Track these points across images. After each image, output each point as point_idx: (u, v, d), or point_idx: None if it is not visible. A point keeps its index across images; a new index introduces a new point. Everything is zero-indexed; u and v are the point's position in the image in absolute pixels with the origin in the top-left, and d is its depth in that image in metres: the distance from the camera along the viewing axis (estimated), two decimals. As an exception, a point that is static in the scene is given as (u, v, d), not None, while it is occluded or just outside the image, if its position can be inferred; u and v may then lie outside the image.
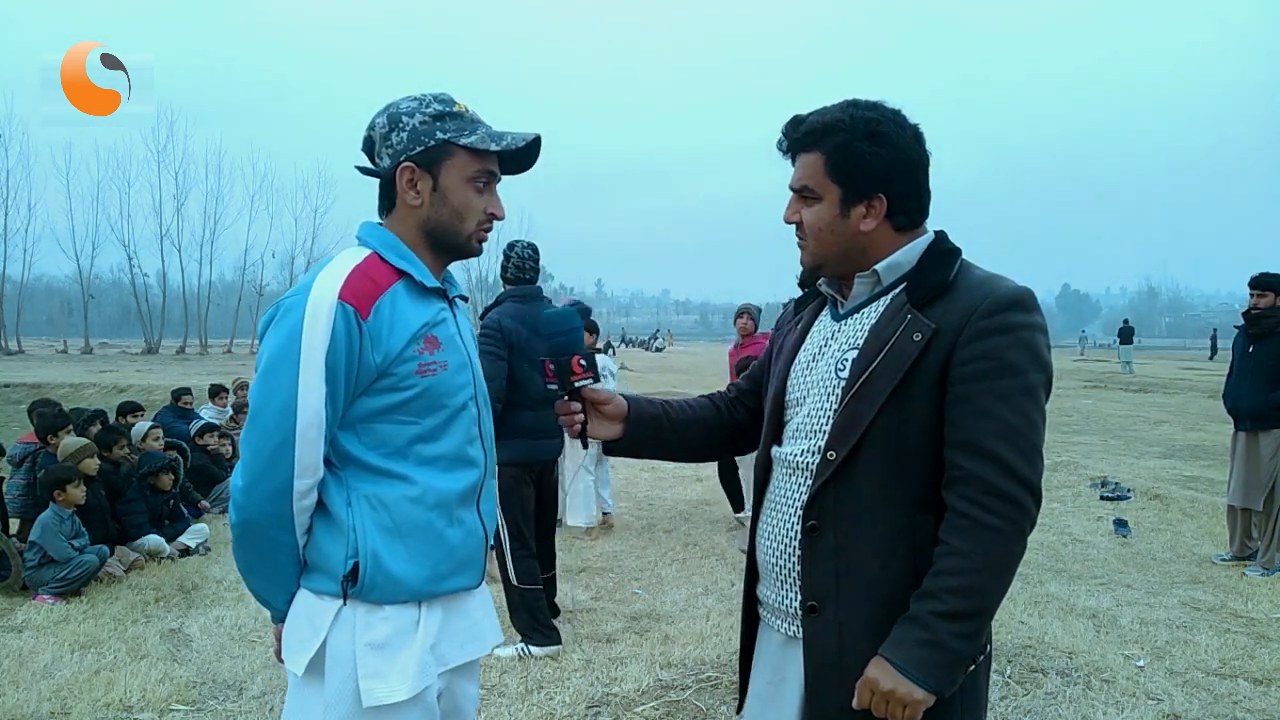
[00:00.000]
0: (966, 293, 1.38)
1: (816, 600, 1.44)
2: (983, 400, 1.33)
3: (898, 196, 1.44)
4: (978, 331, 1.34)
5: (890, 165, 1.42)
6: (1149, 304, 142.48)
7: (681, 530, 6.48)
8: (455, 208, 1.57)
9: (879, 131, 1.40)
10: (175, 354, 39.18)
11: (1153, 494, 7.62)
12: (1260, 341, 5.37)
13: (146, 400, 10.40)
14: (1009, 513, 1.30)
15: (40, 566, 4.77)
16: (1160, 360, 34.33)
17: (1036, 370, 1.35)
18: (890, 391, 1.36)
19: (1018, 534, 1.32)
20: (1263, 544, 5.36)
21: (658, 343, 57.10)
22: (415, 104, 1.57)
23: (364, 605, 1.49)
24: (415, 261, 1.57)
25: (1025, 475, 1.31)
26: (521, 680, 3.65)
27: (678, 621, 4.38)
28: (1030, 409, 1.33)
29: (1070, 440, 11.55)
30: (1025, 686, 3.56)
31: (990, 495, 1.30)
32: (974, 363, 1.34)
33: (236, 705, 3.44)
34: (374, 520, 1.49)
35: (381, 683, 1.47)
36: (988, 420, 1.32)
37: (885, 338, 1.40)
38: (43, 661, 3.83)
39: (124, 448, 5.91)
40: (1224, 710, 3.40)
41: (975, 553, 1.30)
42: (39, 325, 62.86)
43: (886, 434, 1.37)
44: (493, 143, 1.56)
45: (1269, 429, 5.28)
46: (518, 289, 4.10)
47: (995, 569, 1.32)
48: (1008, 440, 1.31)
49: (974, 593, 1.30)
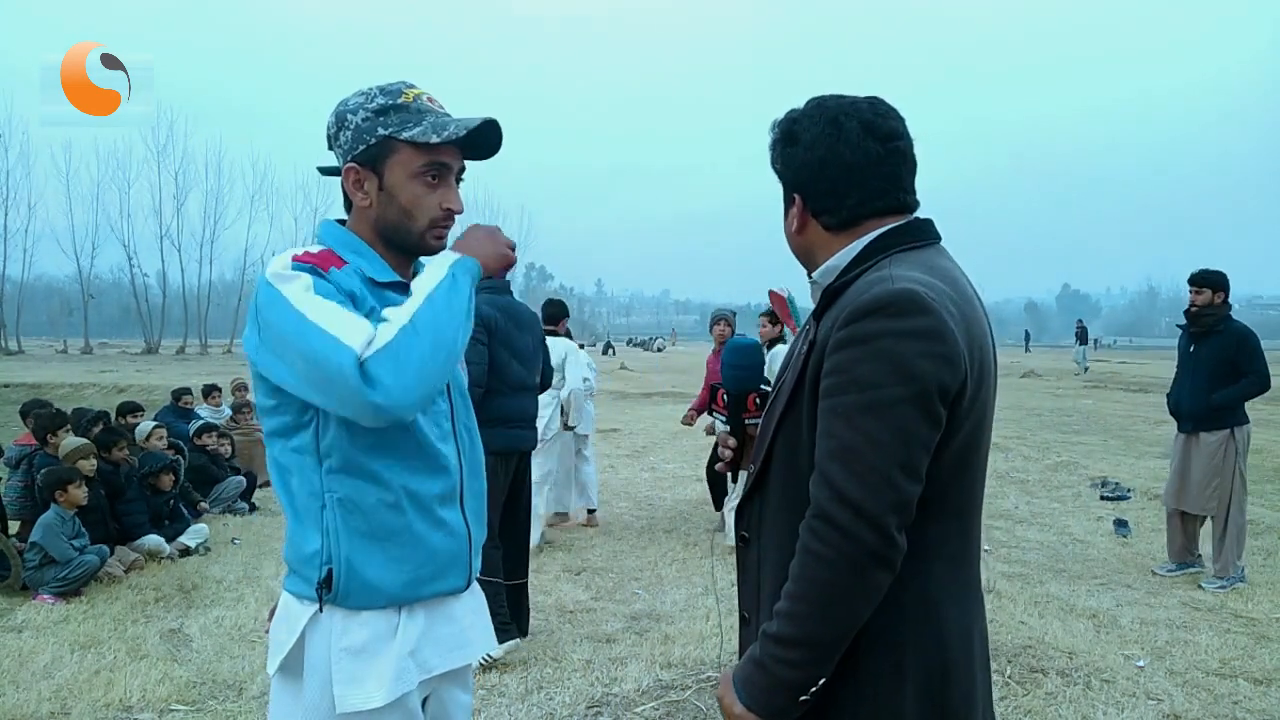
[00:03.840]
0: (845, 299, 1.26)
1: (747, 611, 1.43)
2: (825, 419, 1.22)
3: (813, 196, 1.36)
4: (834, 344, 1.22)
5: (798, 164, 1.35)
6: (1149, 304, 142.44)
7: (681, 530, 6.48)
8: (403, 205, 1.49)
9: (790, 131, 1.36)
10: (175, 354, 39.20)
11: (1153, 494, 7.59)
12: (1201, 341, 5.13)
13: (146, 400, 10.38)
14: (835, 540, 1.17)
15: (41, 567, 4.77)
16: (1160, 360, 34.27)
17: (895, 384, 1.17)
18: (784, 406, 1.32)
19: (846, 564, 1.17)
20: (1215, 551, 5.08)
21: (658, 343, 57.10)
22: (361, 99, 1.49)
23: (341, 611, 1.46)
24: (371, 255, 1.51)
25: (856, 500, 1.16)
26: (521, 680, 3.65)
27: (678, 621, 4.38)
28: (875, 427, 1.17)
29: (1070, 440, 11.55)
30: (1025, 686, 3.57)
31: (818, 519, 1.19)
32: (827, 378, 1.22)
33: (236, 705, 3.44)
34: (348, 525, 1.45)
35: (357, 689, 1.43)
36: (827, 440, 1.21)
37: (792, 350, 1.39)
38: (43, 661, 3.83)
39: (124, 449, 5.91)
40: (1224, 710, 3.40)
41: (800, 579, 1.21)
42: (39, 325, 62.82)
43: (784, 448, 1.33)
44: (434, 134, 1.45)
45: (1210, 430, 5.04)
46: (485, 282, 4.02)
47: (819, 599, 1.19)
48: (841, 462, 1.18)
49: (794, 619, 1.20)
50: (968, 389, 1.23)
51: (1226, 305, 5.17)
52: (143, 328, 44.15)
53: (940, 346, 1.19)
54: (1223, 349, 5.04)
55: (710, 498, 6.79)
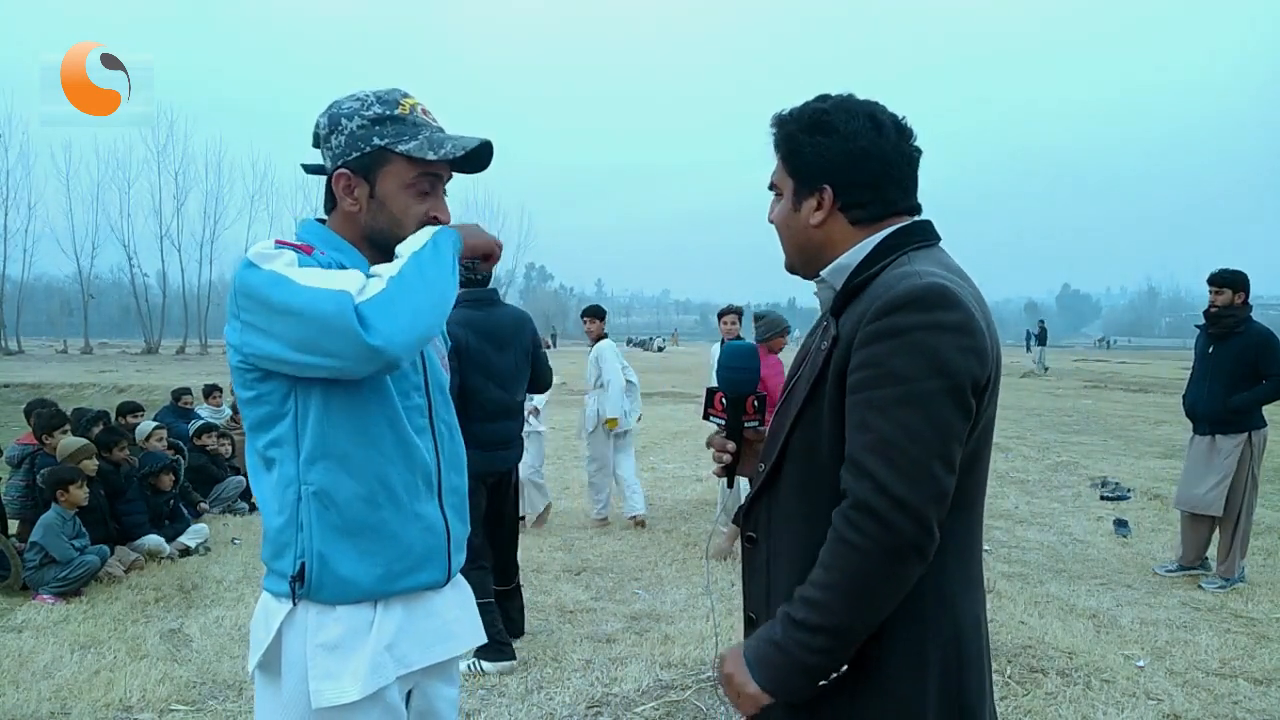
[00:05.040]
0: (871, 293, 1.27)
1: (754, 613, 1.43)
2: (860, 412, 1.22)
3: (846, 187, 1.35)
4: (864, 337, 1.23)
5: (835, 155, 1.33)
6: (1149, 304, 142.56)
7: (681, 530, 6.47)
8: (394, 215, 1.51)
9: (822, 121, 1.34)
10: (175, 354, 39.19)
11: (1153, 494, 7.61)
12: (1221, 342, 5.04)
13: (146, 400, 10.38)
14: (874, 532, 1.18)
15: (41, 567, 4.77)
16: (1160, 360, 34.31)
17: (929, 377, 1.19)
18: (802, 403, 1.33)
19: (882, 555, 1.19)
20: (1220, 552, 5.04)
21: (658, 343, 57.10)
22: (356, 105, 1.50)
23: (316, 606, 1.46)
24: (352, 253, 1.53)
25: (897, 493, 1.17)
26: (521, 680, 3.66)
27: (678, 621, 4.38)
28: (914, 420, 1.18)
29: (1070, 440, 11.56)
30: (1025, 686, 3.57)
31: (857, 511, 1.20)
32: (858, 372, 1.24)
33: (236, 705, 3.44)
34: (322, 520, 1.45)
35: (333, 684, 1.44)
36: (864, 434, 1.21)
37: (807, 347, 1.40)
38: (43, 661, 3.83)
39: (124, 449, 5.91)
40: (1224, 710, 3.40)
41: (833, 568, 1.22)
42: (39, 325, 62.81)
43: (801, 446, 1.34)
44: (430, 151, 1.48)
45: (1229, 433, 4.97)
46: (469, 292, 3.79)
47: (852, 589, 1.21)
48: (880, 454, 1.19)
49: (824, 608, 1.22)
50: (991, 383, 1.26)
51: (1247, 306, 5.08)
52: (143, 328, 44.14)
53: (971, 340, 1.22)
54: (1243, 351, 4.95)
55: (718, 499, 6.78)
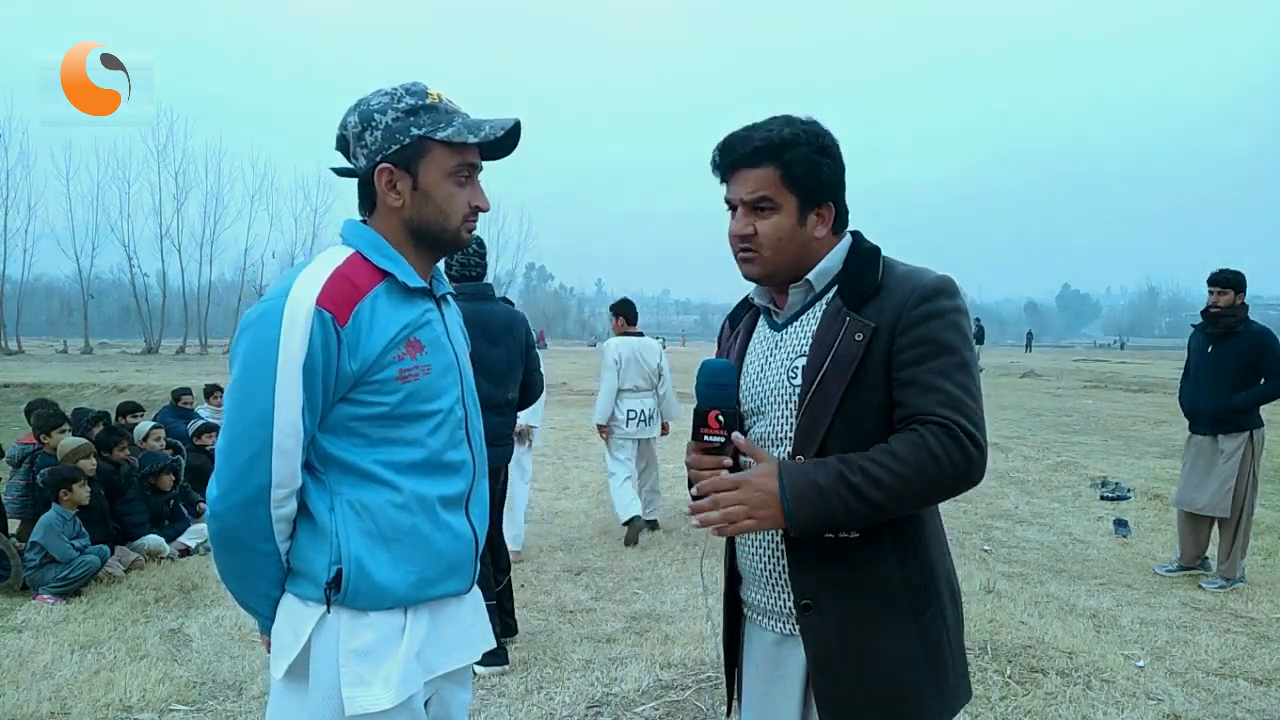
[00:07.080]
0: (896, 288, 1.47)
1: (810, 599, 1.48)
2: (926, 379, 1.41)
3: (840, 201, 1.56)
4: (911, 321, 1.43)
5: (838, 174, 1.54)
6: (1149, 304, 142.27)
7: (681, 530, 6.47)
8: (439, 204, 1.52)
9: (827, 145, 1.52)
10: (175, 354, 39.16)
11: (1153, 494, 7.61)
12: (1220, 342, 5.04)
13: (146, 400, 10.39)
14: (953, 450, 1.36)
15: (41, 566, 4.77)
16: (1160, 360, 34.30)
17: (967, 348, 1.45)
18: (842, 393, 1.44)
19: (954, 472, 1.37)
20: (1221, 552, 5.02)
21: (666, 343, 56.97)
22: (387, 99, 1.50)
23: (348, 612, 1.46)
24: (400, 261, 1.52)
25: (974, 432, 1.39)
26: (521, 680, 3.66)
27: (678, 621, 4.38)
28: (969, 382, 1.42)
29: (1070, 440, 11.55)
30: (1025, 686, 3.56)
31: (945, 430, 1.37)
32: (913, 349, 1.42)
33: (236, 705, 3.44)
34: (358, 526, 1.46)
35: (365, 691, 1.44)
36: (934, 394, 1.40)
37: (829, 342, 1.47)
38: (43, 661, 3.83)
39: (125, 449, 5.91)
40: (1224, 710, 3.40)
41: (910, 464, 1.36)
42: (39, 325, 62.72)
43: (844, 432, 1.44)
44: (470, 134, 1.49)
45: (1230, 433, 4.97)
46: (464, 287, 3.77)
47: (917, 485, 1.36)
48: (954, 408, 1.39)
49: (884, 489, 1.36)
50: None
51: (1245, 306, 5.09)
52: (143, 328, 44.05)
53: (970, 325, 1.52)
54: (1243, 351, 4.96)
55: None
